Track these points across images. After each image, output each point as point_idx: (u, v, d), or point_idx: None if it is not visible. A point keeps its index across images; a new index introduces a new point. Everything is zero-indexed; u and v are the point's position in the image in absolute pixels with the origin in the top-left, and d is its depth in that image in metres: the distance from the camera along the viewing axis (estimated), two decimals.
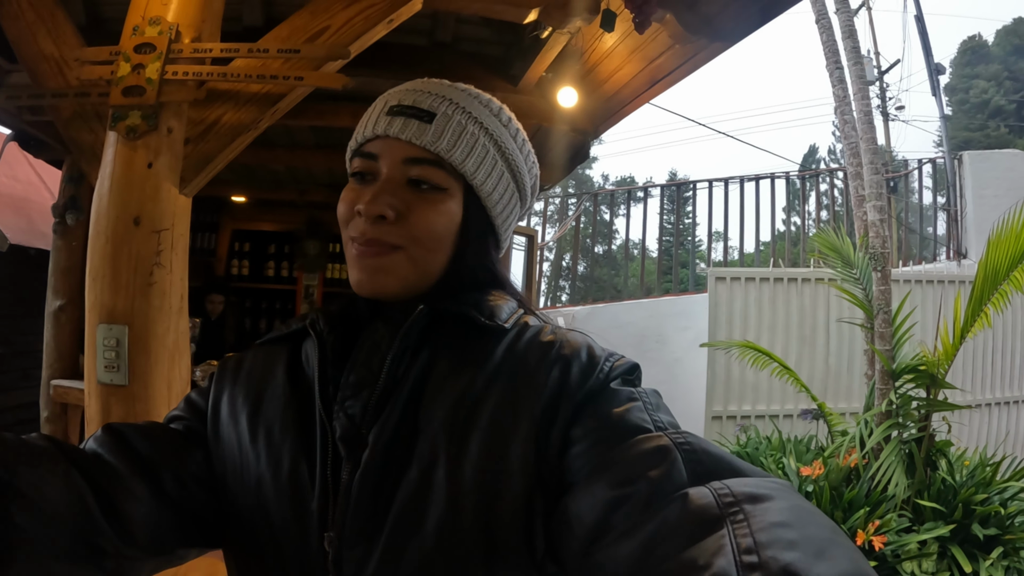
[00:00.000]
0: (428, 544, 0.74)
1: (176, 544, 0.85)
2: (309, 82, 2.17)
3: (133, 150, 2.15)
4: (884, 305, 4.77)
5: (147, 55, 2.20)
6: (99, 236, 2.13)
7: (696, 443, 0.68)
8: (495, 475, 0.75)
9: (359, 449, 0.79)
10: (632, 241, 11.41)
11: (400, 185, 0.86)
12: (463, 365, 0.83)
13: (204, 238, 6.70)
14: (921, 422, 4.37)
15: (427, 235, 0.86)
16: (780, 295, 7.19)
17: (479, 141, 0.89)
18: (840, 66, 5.48)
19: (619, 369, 0.83)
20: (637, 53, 3.48)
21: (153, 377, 2.10)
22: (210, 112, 2.27)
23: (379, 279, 0.86)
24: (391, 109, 0.87)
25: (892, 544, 3.76)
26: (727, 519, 0.55)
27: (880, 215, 4.96)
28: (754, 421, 6.77)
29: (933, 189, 10.67)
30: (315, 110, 3.94)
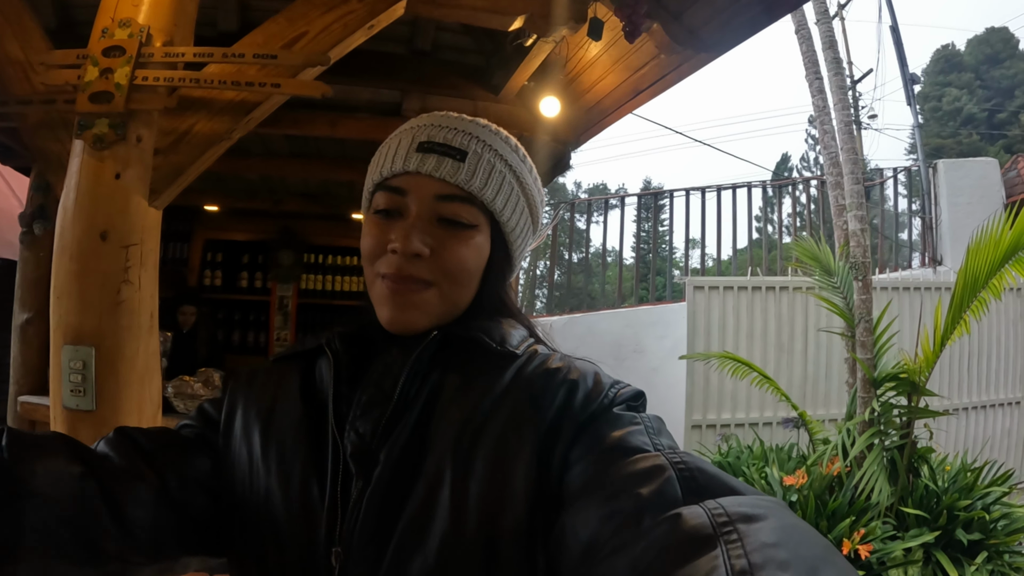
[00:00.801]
0: (431, 560, 0.75)
1: (177, 550, 0.86)
2: (286, 90, 2.07)
3: (100, 160, 2.04)
4: (865, 314, 4.79)
5: (116, 59, 2.08)
6: (64, 252, 2.01)
7: (691, 462, 0.69)
8: (498, 494, 0.76)
9: (369, 467, 0.82)
10: (607, 249, 11.35)
11: (431, 222, 0.88)
12: (472, 388, 0.85)
13: (176, 248, 6.52)
14: (903, 429, 4.39)
15: (460, 271, 0.89)
16: (758, 303, 7.22)
17: (506, 179, 0.93)
18: (820, 76, 5.52)
19: (624, 395, 0.84)
20: (621, 63, 3.42)
21: (122, 401, 1.98)
22: (182, 121, 2.16)
23: (411, 316, 0.89)
24: (421, 146, 0.89)
25: (878, 552, 3.76)
26: (721, 539, 0.55)
27: (861, 224, 4.97)
28: (734, 430, 6.79)
29: (908, 197, 10.75)
30: (290, 118, 3.82)
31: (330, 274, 6.78)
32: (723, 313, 7.11)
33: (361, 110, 3.91)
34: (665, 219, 11.90)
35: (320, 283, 6.75)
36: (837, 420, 6.68)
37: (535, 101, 3.78)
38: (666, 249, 15.60)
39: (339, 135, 3.97)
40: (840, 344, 6.91)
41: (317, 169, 5.05)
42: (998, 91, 28.70)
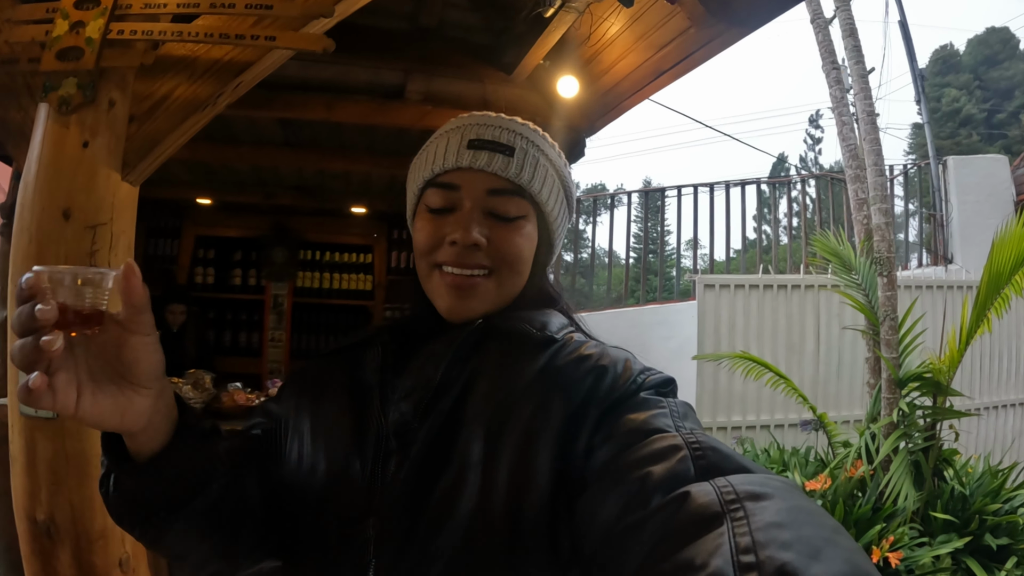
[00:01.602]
0: (458, 534, 0.79)
1: (262, 553, 0.97)
2: (283, 43, 1.76)
3: (65, 127, 1.76)
4: (890, 312, 4.55)
5: (89, 11, 1.81)
6: (23, 233, 1.73)
7: (706, 441, 0.70)
8: (524, 475, 0.79)
9: (408, 445, 0.87)
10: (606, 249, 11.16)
11: (485, 214, 0.96)
12: (506, 373, 0.89)
13: (165, 244, 6.29)
14: (927, 431, 4.22)
15: (515, 259, 0.97)
16: (768, 302, 7.01)
17: (548, 172, 1.01)
18: (837, 66, 5.31)
19: (652, 381, 0.86)
20: (644, 40, 3.15)
21: None
22: (160, 84, 1.87)
23: (471, 305, 0.95)
24: (472, 143, 0.96)
25: (907, 560, 3.60)
26: (727, 515, 0.55)
27: (885, 218, 4.73)
28: (745, 432, 6.62)
29: (905, 196, 10.58)
30: (283, 100, 3.55)
31: (327, 272, 6.53)
32: (732, 312, 6.91)
33: (360, 92, 3.62)
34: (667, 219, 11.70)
35: (316, 281, 6.50)
36: (850, 421, 6.52)
37: (549, 83, 3.51)
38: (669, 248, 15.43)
39: (336, 119, 3.67)
40: (852, 344, 6.79)
41: (311, 158, 4.74)
42: (997, 92, 28.66)
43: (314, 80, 3.54)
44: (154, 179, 5.32)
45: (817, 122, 37.35)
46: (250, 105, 3.46)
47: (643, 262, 10.17)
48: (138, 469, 0.81)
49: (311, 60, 3.37)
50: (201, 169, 5.30)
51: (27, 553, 1.67)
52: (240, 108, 3.45)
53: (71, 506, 1.65)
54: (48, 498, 1.65)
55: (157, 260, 6.21)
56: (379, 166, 4.70)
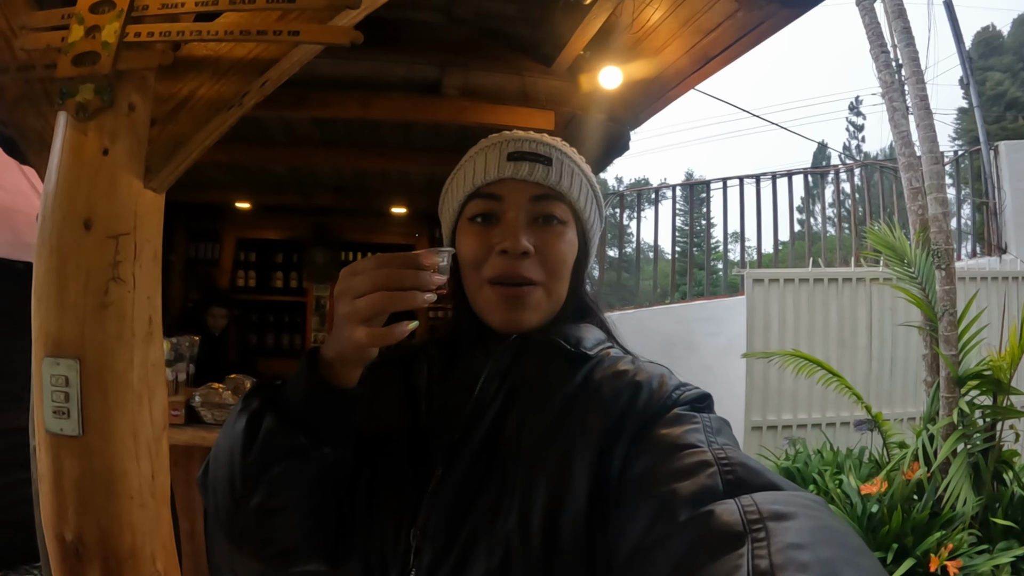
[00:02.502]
0: (498, 546, 0.81)
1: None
2: (307, 37, 1.67)
3: (84, 133, 1.69)
4: (949, 306, 4.36)
5: (105, 14, 1.73)
6: (43, 245, 1.66)
7: (736, 457, 0.71)
8: (563, 492, 0.82)
9: (449, 458, 0.91)
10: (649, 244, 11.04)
11: (528, 222, 0.99)
12: (546, 389, 0.93)
13: (205, 248, 6.33)
14: (987, 431, 4.06)
15: (561, 265, 1.01)
16: (819, 296, 6.85)
17: (583, 180, 1.06)
18: (885, 50, 5.11)
19: (688, 397, 0.88)
20: (690, 25, 3.02)
21: (113, 424, 1.62)
22: (182, 84, 1.78)
23: (525, 317, 0.98)
24: (512, 156, 1.01)
25: (965, 568, 3.43)
26: (749, 536, 0.56)
27: (942, 208, 4.53)
28: (796, 431, 6.49)
29: (956, 184, 10.24)
30: (318, 99, 3.48)
31: None
32: (783, 307, 6.76)
33: (395, 88, 3.53)
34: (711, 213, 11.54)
35: None
36: (903, 420, 6.34)
37: (591, 74, 3.39)
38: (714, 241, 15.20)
39: (371, 116, 3.59)
40: (905, 340, 6.59)
41: (349, 157, 4.67)
42: None
43: (348, 77, 3.47)
44: (192, 183, 5.36)
45: (858, 109, 36.55)
46: (284, 105, 3.42)
47: (688, 256, 10.00)
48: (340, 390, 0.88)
49: (344, 57, 3.32)
50: (239, 172, 5.31)
51: (57, 574, 1.63)
52: (274, 108, 3.42)
53: (99, 525, 1.60)
54: (75, 517, 1.60)
55: (198, 264, 6.26)
56: (417, 163, 4.64)
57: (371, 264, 0.81)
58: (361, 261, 0.82)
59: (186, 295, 6.13)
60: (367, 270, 0.81)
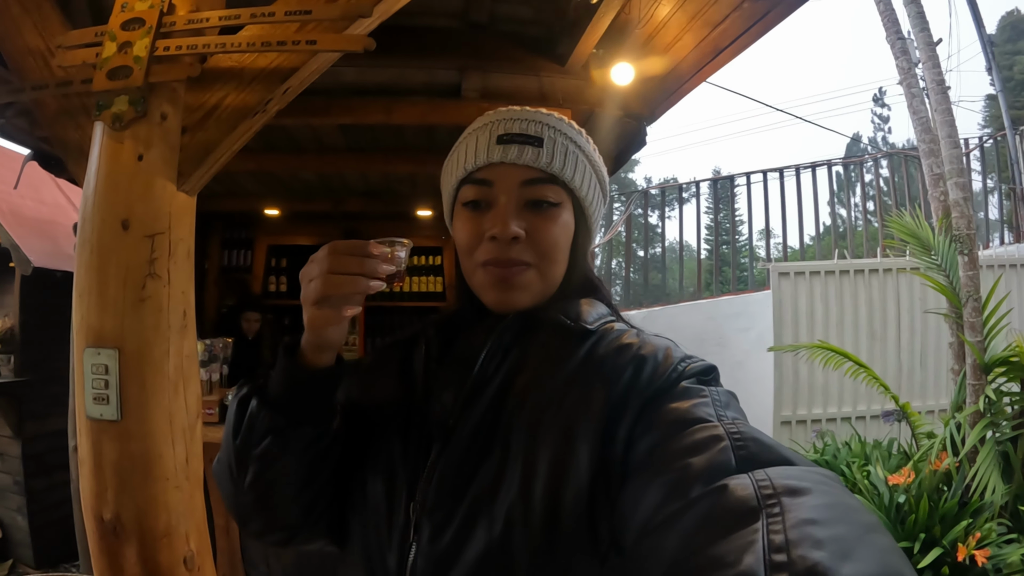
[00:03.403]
0: (498, 524, 0.81)
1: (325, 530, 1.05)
2: (323, 46, 1.79)
3: (120, 142, 1.81)
4: (973, 292, 4.31)
5: (135, 31, 1.86)
6: (84, 245, 1.79)
7: (748, 432, 0.71)
8: (565, 465, 0.81)
9: (448, 433, 0.91)
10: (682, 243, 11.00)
11: (521, 206, 0.99)
12: (548, 364, 0.92)
13: (239, 255, 6.52)
14: (1016, 419, 3.98)
15: (554, 248, 0.99)
16: (847, 289, 6.76)
17: (579, 158, 1.03)
18: (902, 36, 5.07)
19: (693, 369, 0.87)
20: (698, 19, 3.08)
21: (150, 410, 1.74)
22: (209, 95, 1.91)
23: (516, 296, 0.99)
24: (500, 138, 0.99)
25: (994, 558, 3.40)
26: (764, 511, 0.56)
27: (963, 193, 4.50)
28: (826, 425, 6.39)
29: (983, 172, 10.09)
30: (342, 106, 3.60)
31: None
32: (810, 300, 6.68)
33: (417, 93, 3.64)
34: (738, 208, 11.46)
35: (387, 287, 6.51)
36: (935, 411, 6.27)
37: (604, 71, 3.46)
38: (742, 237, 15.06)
39: (395, 121, 3.70)
40: (936, 330, 6.52)
41: (375, 163, 4.80)
42: None
43: (371, 84, 3.58)
44: (226, 193, 5.51)
45: (882, 100, 36.07)
46: (310, 113, 3.55)
47: (715, 253, 9.97)
48: (311, 372, 0.93)
49: (367, 65, 3.42)
50: (270, 180, 5.45)
51: (95, 552, 1.73)
52: (301, 116, 3.56)
53: (136, 506, 1.71)
54: (114, 497, 1.70)
55: (232, 271, 6.44)
56: (441, 166, 4.62)
57: (325, 251, 0.86)
58: (333, 243, 0.87)
59: (221, 301, 6.30)
60: (321, 257, 0.86)
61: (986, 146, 10.11)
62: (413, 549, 0.87)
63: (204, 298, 6.22)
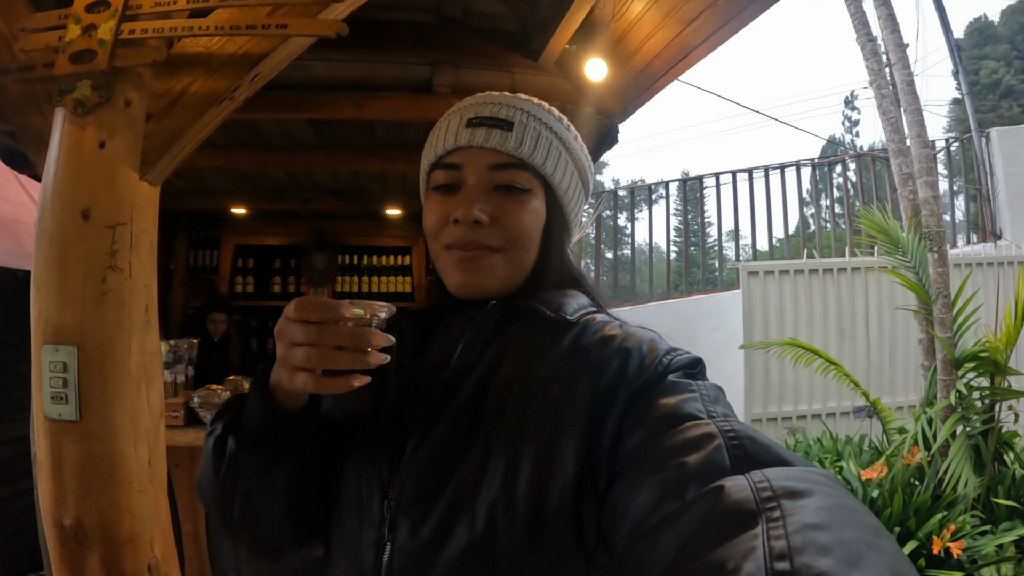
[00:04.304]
0: (480, 518, 0.78)
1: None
2: (294, 30, 1.72)
3: (82, 128, 1.73)
4: (943, 289, 4.40)
5: (100, 14, 1.78)
6: (43, 236, 1.71)
7: (742, 430, 0.69)
8: (550, 459, 0.79)
9: (425, 428, 0.88)
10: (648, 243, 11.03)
11: (488, 191, 0.97)
12: (530, 355, 0.90)
13: (205, 255, 6.39)
14: (986, 413, 4.11)
15: (521, 235, 0.97)
16: (816, 287, 6.89)
17: (552, 144, 1.00)
18: (872, 38, 5.15)
19: (679, 362, 0.85)
20: (672, 16, 3.04)
21: (112, 410, 1.65)
22: (176, 81, 1.83)
23: (480, 280, 0.96)
24: (470, 122, 0.98)
25: (969, 549, 3.48)
26: (763, 515, 0.54)
27: (932, 191, 4.56)
28: (796, 421, 6.54)
29: (949, 175, 10.23)
30: (312, 100, 3.52)
31: (366, 275, 6.56)
32: (780, 299, 6.79)
33: (389, 88, 3.57)
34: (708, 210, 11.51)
35: (356, 285, 6.54)
36: (905, 407, 6.36)
37: (577, 68, 3.42)
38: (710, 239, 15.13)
39: (366, 117, 3.63)
40: (904, 327, 6.62)
41: (345, 160, 4.70)
42: None
43: (342, 79, 3.51)
44: (192, 190, 5.40)
45: (853, 103, 36.64)
46: (280, 107, 3.47)
47: (685, 255, 10.01)
48: (289, 415, 0.87)
49: (338, 59, 3.36)
50: (238, 178, 5.35)
51: (55, 560, 1.65)
52: (270, 111, 3.48)
53: (98, 510, 1.63)
54: (75, 503, 1.62)
55: (198, 271, 6.33)
56: (413, 164, 4.50)
57: (295, 311, 0.79)
58: (301, 301, 0.80)
59: (187, 302, 6.19)
60: (297, 318, 0.79)
61: (952, 149, 10.25)
62: (388, 548, 0.84)
63: (170, 299, 6.12)
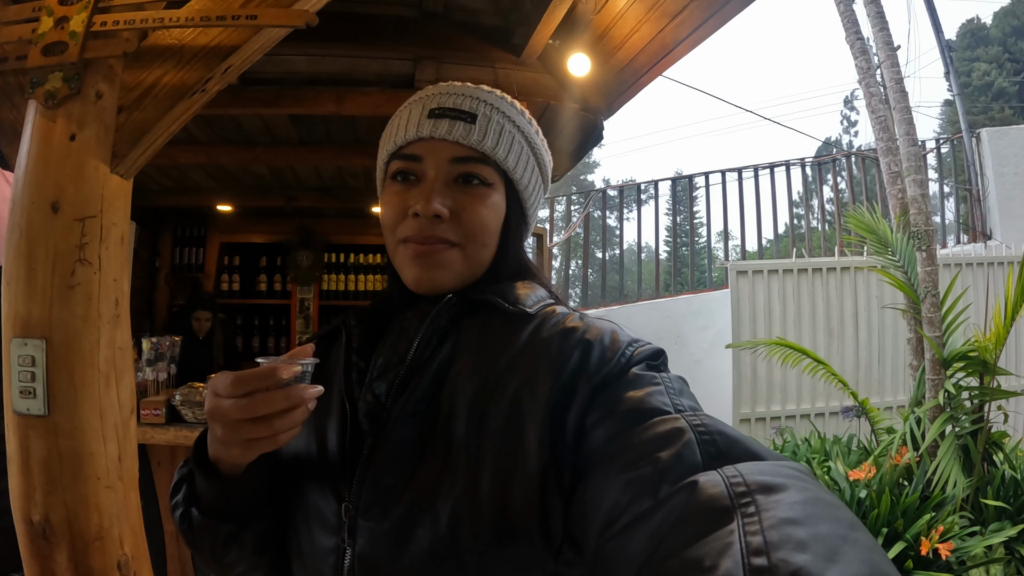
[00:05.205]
0: (443, 518, 0.77)
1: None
2: (265, 21, 1.70)
3: (52, 120, 1.73)
4: (932, 288, 4.37)
5: (73, 6, 1.78)
6: (14, 229, 1.70)
7: (712, 424, 0.68)
8: (511, 454, 0.77)
9: (380, 426, 0.86)
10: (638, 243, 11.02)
11: (448, 184, 0.94)
12: (488, 349, 0.88)
13: (191, 253, 6.34)
14: (975, 413, 4.06)
15: (481, 230, 0.95)
16: (804, 287, 6.85)
17: (515, 139, 0.98)
18: (861, 37, 5.12)
19: (642, 354, 0.83)
20: (655, 10, 3.03)
21: (80, 405, 1.64)
22: (147, 73, 1.82)
23: (437, 275, 0.94)
24: (432, 112, 0.95)
25: (958, 550, 3.45)
26: (738, 511, 0.53)
27: (920, 189, 4.54)
28: (784, 421, 6.48)
29: (940, 176, 10.25)
30: (293, 96, 3.50)
31: (352, 273, 6.53)
32: (768, 299, 6.76)
33: (370, 84, 3.56)
34: (698, 210, 11.50)
35: (342, 283, 6.51)
36: (893, 407, 6.35)
37: (560, 63, 3.41)
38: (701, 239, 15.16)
39: (347, 112, 3.61)
40: (893, 326, 6.62)
41: (328, 156, 4.69)
42: None
43: (323, 74, 3.50)
44: (177, 188, 5.36)
45: (852, 103, 36.55)
46: (260, 102, 3.45)
47: (674, 255, 10.00)
48: (242, 483, 0.87)
49: (319, 54, 3.34)
50: (221, 174, 5.32)
51: (26, 556, 1.64)
52: (251, 106, 3.46)
53: (66, 506, 1.62)
54: (43, 498, 1.61)
55: (183, 269, 6.29)
56: None
57: (230, 388, 0.76)
58: (221, 378, 0.77)
59: (172, 300, 6.15)
60: (229, 395, 0.76)
61: (943, 150, 10.26)
62: (348, 553, 0.83)
63: (155, 296, 6.09)
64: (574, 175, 34.37)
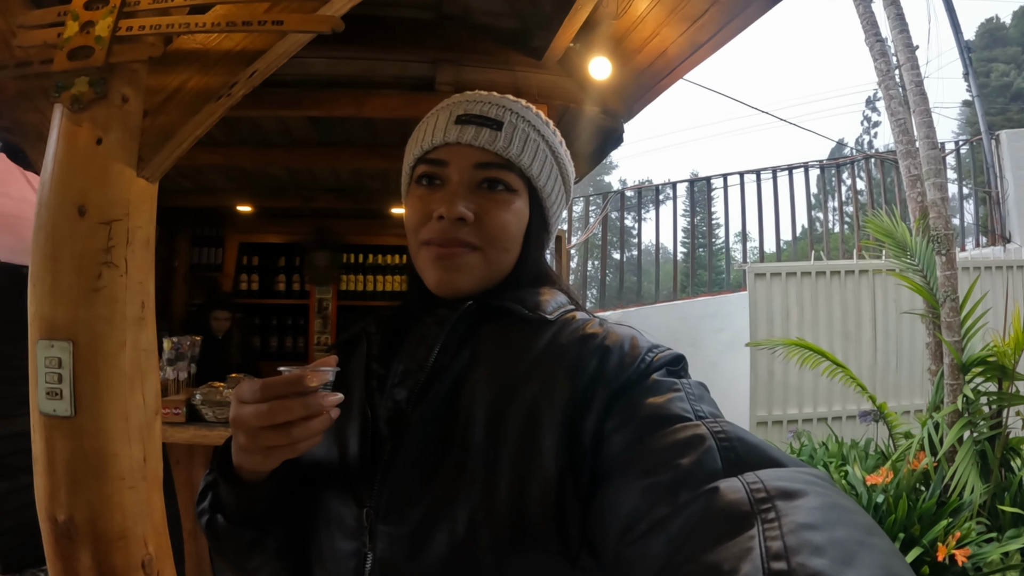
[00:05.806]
0: (461, 523, 0.77)
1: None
2: (290, 27, 1.72)
3: (78, 124, 1.74)
4: (951, 292, 4.32)
5: (98, 11, 1.79)
6: (40, 232, 1.72)
7: (732, 431, 0.68)
8: (528, 459, 0.78)
9: (400, 432, 0.87)
10: (659, 246, 10.99)
11: (472, 189, 0.96)
12: (506, 355, 0.89)
13: (208, 253, 6.38)
14: (993, 419, 4.01)
15: (503, 235, 0.96)
16: (822, 290, 6.80)
17: (540, 147, 1.00)
18: (881, 38, 5.07)
19: (662, 360, 0.83)
20: (676, 14, 3.03)
21: (105, 406, 1.66)
22: (172, 77, 1.84)
23: (458, 278, 0.95)
24: (459, 119, 0.97)
25: (974, 557, 3.39)
26: (758, 516, 0.53)
27: (940, 193, 4.50)
28: (802, 425, 6.41)
29: (959, 178, 10.15)
30: (311, 98, 3.52)
31: (370, 274, 6.54)
32: (785, 301, 6.72)
33: (388, 86, 3.56)
34: (716, 211, 11.46)
35: (360, 284, 6.52)
36: (911, 412, 6.30)
37: (581, 67, 3.41)
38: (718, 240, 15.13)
39: (366, 115, 3.61)
40: (910, 331, 6.57)
41: (346, 158, 4.69)
42: None
43: (341, 76, 3.50)
44: (196, 189, 5.39)
45: (874, 104, 36.20)
46: (279, 104, 3.46)
47: (692, 256, 9.99)
48: (265, 489, 0.89)
49: (338, 56, 3.36)
50: (239, 175, 5.35)
51: (50, 555, 1.66)
52: (269, 108, 3.48)
53: (90, 506, 1.64)
54: (67, 498, 1.63)
55: (201, 269, 6.32)
56: None
57: (256, 394, 0.77)
58: (246, 385, 0.79)
59: (190, 300, 6.19)
60: (254, 401, 0.77)
61: (962, 152, 10.17)
62: (369, 558, 0.83)
63: (173, 296, 6.11)
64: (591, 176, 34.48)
